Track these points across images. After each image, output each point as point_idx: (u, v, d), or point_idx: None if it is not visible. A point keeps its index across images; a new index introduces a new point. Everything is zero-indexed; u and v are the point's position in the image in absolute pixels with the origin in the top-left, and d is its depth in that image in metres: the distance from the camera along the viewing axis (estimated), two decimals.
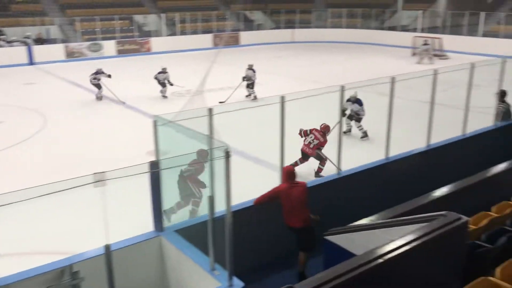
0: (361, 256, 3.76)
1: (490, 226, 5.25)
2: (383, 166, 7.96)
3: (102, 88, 16.89)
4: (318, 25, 35.21)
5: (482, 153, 9.57)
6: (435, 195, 6.51)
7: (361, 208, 6.55)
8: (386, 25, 33.34)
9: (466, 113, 9.58)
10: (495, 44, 25.85)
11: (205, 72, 15.47)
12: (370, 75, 20.64)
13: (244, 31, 33.30)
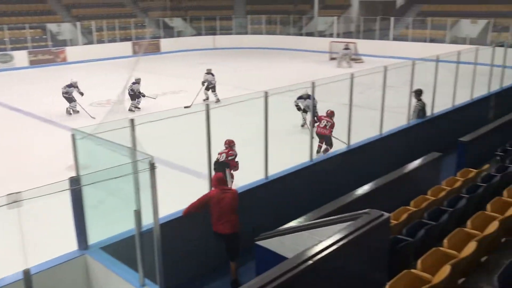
0: (291, 259, 3.82)
1: (410, 220, 5.55)
2: (308, 168, 8.15)
3: (75, 101, 15.74)
4: (239, 31, 35.57)
5: (399, 150, 10.12)
6: (358, 193, 6.78)
7: (290, 210, 6.66)
8: (304, 31, 34.37)
9: (382, 113, 10.08)
10: (405, 47, 27.51)
11: (125, 81, 14.99)
12: (292, 79, 21.15)
13: (164, 38, 32.84)
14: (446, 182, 7.25)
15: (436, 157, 8.27)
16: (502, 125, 11.02)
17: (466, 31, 27.34)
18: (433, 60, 11.36)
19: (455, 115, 12.03)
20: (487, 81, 13.65)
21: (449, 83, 12.41)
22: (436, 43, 27.17)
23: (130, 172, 4.48)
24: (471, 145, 9.50)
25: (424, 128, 10.98)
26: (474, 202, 5.96)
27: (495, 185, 6.44)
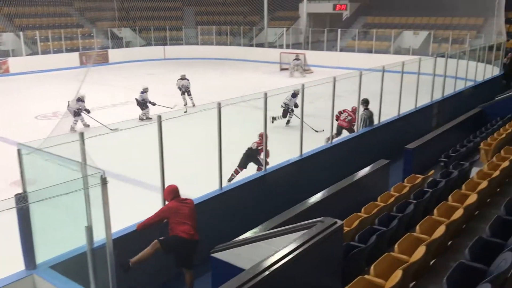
0: (248, 270, 3.82)
1: (361, 227, 5.69)
2: (263, 178, 8.21)
3: (81, 116, 14.72)
4: (189, 42, 35.44)
5: (349, 158, 10.38)
6: (311, 201, 6.91)
7: (245, 221, 6.67)
8: (254, 42, 34.70)
9: (332, 123, 10.33)
10: (352, 58, 28.34)
11: (73, 93, 14.53)
12: (244, 90, 21.28)
13: (112, 48, 32.18)
14: (395, 188, 7.50)
15: (384, 164, 8.56)
16: (445, 132, 11.56)
17: (409, 42, 28.52)
18: (379, 70, 11.77)
19: (401, 123, 12.49)
20: (430, 90, 14.27)
21: (395, 92, 12.88)
22: (381, 53, 28.16)
23: (81, 188, 4.35)
24: (416, 151, 9.89)
25: (372, 136, 11.32)
26: (422, 207, 6.20)
27: (440, 190, 6.72)
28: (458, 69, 16.06)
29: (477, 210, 6.06)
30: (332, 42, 31.19)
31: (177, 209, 5.86)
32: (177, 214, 5.84)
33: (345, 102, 12.96)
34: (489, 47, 20.22)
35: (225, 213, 7.42)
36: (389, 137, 11.86)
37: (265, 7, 33.50)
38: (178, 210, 5.86)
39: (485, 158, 9.28)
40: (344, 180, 7.76)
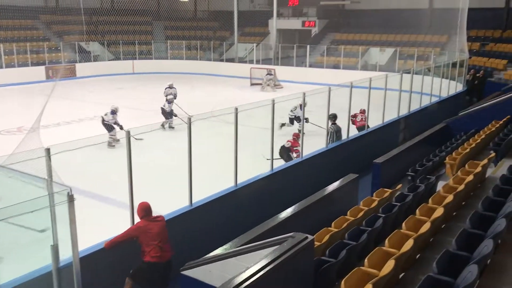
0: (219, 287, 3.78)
1: (332, 241, 5.73)
2: (233, 193, 8.18)
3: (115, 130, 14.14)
4: (159, 56, 35.28)
5: (319, 172, 10.48)
6: (282, 216, 6.91)
7: (216, 237, 6.62)
8: (225, 57, 34.84)
9: (302, 137, 10.42)
10: (320, 74, 28.78)
11: (39, 107, 14.17)
12: (215, 104, 21.26)
13: (80, 62, 31.69)
14: (364, 202, 7.60)
15: (353, 178, 8.67)
16: (412, 147, 11.82)
17: (376, 59, 29.21)
18: (347, 86, 11.99)
19: (369, 137, 12.72)
20: (396, 106, 14.60)
21: (363, 107, 13.12)
22: (349, 69, 28.72)
23: (46, 205, 4.23)
24: (384, 166, 10.07)
25: (341, 150, 11.48)
26: (390, 221, 6.29)
27: (408, 204, 6.85)
28: (424, 85, 16.53)
29: (444, 223, 6.20)
30: (301, 58, 31.64)
31: (146, 228, 5.74)
32: (146, 233, 5.72)
33: (314, 116, 13.13)
34: (452, 64, 20.92)
35: (195, 229, 7.35)
36: (358, 151, 12.05)
37: (235, 22, 33.76)
38: (147, 230, 5.73)
39: (450, 172, 9.52)
40: (314, 195, 7.81)
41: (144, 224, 5.79)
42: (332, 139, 11.46)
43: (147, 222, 5.80)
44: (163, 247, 5.79)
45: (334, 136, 11.57)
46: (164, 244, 5.83)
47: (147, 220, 5.81)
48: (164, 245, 5.82)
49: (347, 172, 8.90)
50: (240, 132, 8.44)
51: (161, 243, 5.78)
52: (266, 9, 35.98)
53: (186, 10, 40.42)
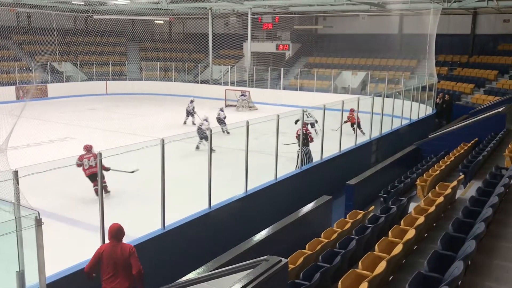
0: None
1: (306, 264, 5.71)
2: (207, 215, 8.11)
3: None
4: (133, 77, 35.11)
5: (293, 194, 10.50)
6: (256, 239, 6.88)
7: (189, 261, 6.52)
8: (199, 79, 34.92)
9: (276, 159, 10.45)
10: (294, 96, 29.10)
11: (8, 128, 13.84)
12: (189, 126, 21.21)
13: (52, 83, 31.24)
14: (337, 224, 7.63)
15: (327, 200, 8.72)
16: (384, 169, 12.00)
17: (348, 82, 29.76)
18: (320, 108, 12.15)
19: (342, 159, 12.85)
20: (368, 128, 14.85)
21: (336, 127, 13.29)
22: (322, 92, 29.14)
23: (13, 230, 4.10)
24: (357, 187, 10.18)
25: (314, 172, 11.55)
26: (363, 242, 6.32)
27: (380, 226, 6.90)
28: (394, 108, 16.88)
29: (416, 244, 6.26)
30: (275, 80, 31.99)
31: (107, 254, 5.28)
32: (105, 259, 5.26)
33: (288, 138, 13.21)
34: (422, 87, 21.48)
35: (168, 252, 7.22)
36: (331, 173, 12.15)
37: (210, 45, 34.00)
38: (107, 255, 5.27)
39: (421, 193, 9.68)
40: (288, 217, 7.81)
41: (104, 248, 5.35)
42: (302, 162, 11.53)
43: (110, 247, 5.32)
44: (122, 279, 5.25)
45: (305, 158, 11.65)
46: (125, 275, 5.27)
47: (111, 245, 5.35)
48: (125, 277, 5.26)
49: (321, 194, 8.95)
50: (215, 154, 8.42)
51: (121, 272, 5.26)
52: (241, 32, 36.38)
53: (161, 32, 40.53)
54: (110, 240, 5.40)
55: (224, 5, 31.36)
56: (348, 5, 27.70)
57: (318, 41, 36.19)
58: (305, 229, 7.84)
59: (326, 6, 29.89)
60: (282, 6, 30.61)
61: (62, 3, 30.42)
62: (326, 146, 12.27)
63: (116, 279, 5.26)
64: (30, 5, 30.30)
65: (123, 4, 29.98)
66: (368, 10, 29.55)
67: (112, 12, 32.73)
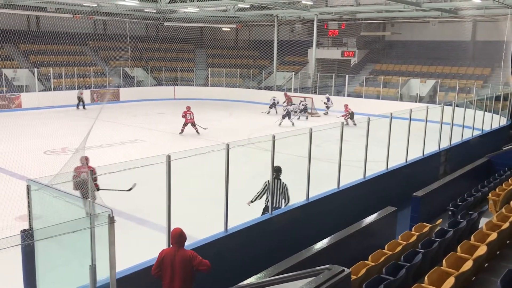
0: None
1: (368, 275, 5.59)
2: (268, 221, 8.15)
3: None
4: (199, 83, 36.07)
5: (356, 204, 10.31)
6: (317, 247, 6.82)
7: (249, 265, 6.58)
8: (263, 85, 35.25)
9: (340, 167, 10.31)
10: (358, 103, 28.61)
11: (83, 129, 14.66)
12: (252, 131, 21.45)
13: (124, 87, 32.80)
14: (402, 237, 7.41)
15: (391, 211, 8.49)
16: (452, 181, 11.50)
17: (416, 90, 28.84)
18: (387, 116, 11.86)
19: (408, 170, 12.46)
20: (437, 138, 14.30)
21: (401, 139, 12.92)
22: (388, 100, 28.45)
23: (87, 226, 4.35)
24: (424, 199, 9.82)
25: (379, 182, 11.28)
26: (430, 257, 6.10)
27: (448, 240, 6.63)
28: (466, 118, 16.16)
29: (487, 262, 5.95)
30: (339, 87, 31.62)
31: (167, 258, 5.38)
32: (165, 264, 5.38)
33: (351, 146, 13.01)
34: (496, 97, 20.40)
35: (230, 256, 7.33)
36: (396, 183, 11.82)
37: (275, 51, 34.26)
38: (167, 260, 5.38)
39: (493, 208, 9.19)
40: (351, 227, 7.68)
41: (167, 251, 5.48)
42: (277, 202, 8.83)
43: (170, 251, 5.45)
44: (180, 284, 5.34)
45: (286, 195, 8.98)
46: (183, 281, 5.36)
47: (172, 249, 5.49)
48: (183, 283, 5.38)
49: (385, 205, 8.73)
50: (277, 160, 8.46)
51: (178, 278, 5.35)
52: (306, 39, 36.34)
53: (228, 38, 41.35)
54: (173, 245, 5.54)
55: (290, 12, 31.48)
56: (418, 11, 26.90)
57: (385, 48, 35.40)
58: (368, 240, 7.67)
59: (394, 13, 29.19)
60: (349, 12, 30.26)
61: (135, 11, 31.85)
62: (392, 155, 11.96)
63: (173, 284, 5.37)
64: (106, 13, 32.00)
65: (192, 12, 30.91)
66: (439, 16, 28.53)
67: (182, 19, 33.89)
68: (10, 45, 30.65)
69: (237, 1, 25.34)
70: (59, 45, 32.32)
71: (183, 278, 5.40)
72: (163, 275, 5.43)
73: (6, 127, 21.14)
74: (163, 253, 5.51)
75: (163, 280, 5.43)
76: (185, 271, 5.41)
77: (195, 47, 38.50)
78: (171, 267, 5.37)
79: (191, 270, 5.46)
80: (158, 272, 5.47)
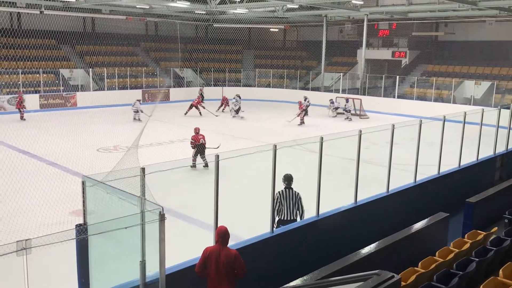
0: None
1: (418, 282, 5.43)
2: (315, 224, 8.08)
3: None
4: (247, 83, 36.30)
5: (405, 208, 10.05)
6: (365, 252, 6.69)
7: (295, 267, 6.55)
8: (310, 86, 35.02)
9: (389, 171, 10.08)
10: (409, 105, 27.90)
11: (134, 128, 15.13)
12: (299, 132, 21.37)
13: (174, 87, 33.53)
14: (454, 244, 7.15)
15: (443, 217, 8.21)
16: (509, 187, 10.97)
17: (470, 92, 27.77)
18: (440, 119, 11.49)
19: (461, 175, 12.02)
20: (492, 142, 13.72)
21: (454, 142, 12.47)
22: (441, 102, 27.57)
23: (139, 223, 4.46)
24: (478, 206, 9.43)
25: (431, 187, 10.95)
26: (485, 266, 5.86)
27: (505, 249, 6.34)
28: None
29: None
30: (389, 88, 30.94)
31: (212, 256, 5.42)
32: (210, 262, 5.40)
33: (401, 150, 12.70)
34: None
35: (275, 257, 7.33)
36: (449, 189, 11.43)
37: (323, 52, 33.93)
38: (212, 258, 5.41)
39: None
40: (400, 232, 7.49)
41: (211, 249, 5.48)
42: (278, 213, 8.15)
43: (215, 250, 5.45)
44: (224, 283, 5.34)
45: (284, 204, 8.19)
46: (227, 280, 5.37)
47: (216, 247, 5.49)
48: (227, 281, 5.37)
49: (437, 210, 8.45)
50: (324, 161, 8.37)
51: (223, 277, 5.35)
52: (355, 39, 35.82)
53: (276, 39, 41.38)
54: (217, 243, 5.56)
55: (339, 12, 31.10)
56: (473, 10, 25.87)
57: (438, 48, 34.32)
58: (418, 246, 7.46)
59: (448, 12, 28.21)
60: (400, 12, 29.54)
61: (186, 13, 32.47)
62: (444, 160, 11.57)
63: (219, 283, 5.40)
64: (158, 15, 32.81)
65: (241, 13, 31.15)
66: (496, 15, 27.34)
67: (231, 21, 34.22)
68: (67, 46, 32.05)
69: (286, 1, 25.30)
70: (113, 46, 33.47)
71: (229, 277, 5.43)
72: (209, 272, 5.46)
73: (62, 125, 22.08)
74: (208, 251, 5.53)
75: (209, 278, 5.47)
76: (230, 269, 5.45)
77: (243, 48, 38.78)
78: (215, 265, 5.40)
79: (233, 270, 5.49)
80: (202, 270, 5.49)
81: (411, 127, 11.16)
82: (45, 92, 28.01)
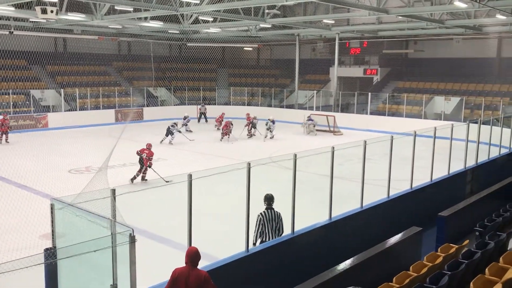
0: None
1: None
2: (290, 241, 8.05)
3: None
4: (222, 102, 36.35)
5: (379, 224, 10.13)
6: (340, 268, 6.69)
7: (271, 286, 6.49)
8: (285, 104, 35.30)
9: (363, 186, 10.16)
10: (381, 122, 28.36)
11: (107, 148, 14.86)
12: (274, 150, 21.42)
13: (147, 106, 33.31)
14: (428, 258, 7.22)
15: (416, 232, 8.30)
16: (479, 200, 11.20)
17: (441, 108, 28.44)
18: (411, 134, 11.70)
19: (433, 189, 12.21)
20: (463, 157, 14.01)
21: (426, 157, 12.70)
22: (412, 118, 28.11)
23: (109, 245, 4.36)
24: (450, 219, 9.58)
25: (403, 202, 11.07)
26: (457, 279, 5.92)
27: (476, 262, 6.43)
28: (492, 136, 15.81)
29: None
30: (362, 105, 31.43)
31: (181, 278, 5.19)
32: (177, 284, 5.21)
33: (374, 165, 12.84)
34: None
35: (250, 276, 7.25)
36: (421, 203, 11.58)
37: (296, 70, 34.36)
38: (181, 279, 5.20)
39: None
40: (374, 247, 7.53)
41: (180, 271, 5.28)
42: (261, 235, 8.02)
43: (184, 271, 5.26)
44: None
45: (266, 227, 8.01)
46: None
47: (185, 268, 5.30)
48: None
49: (410, 225, 8.55)
50: (298, 178, 8.38)
51: None
52: (328, 57, 36.39)
53: (249, 58, 41.71)
54: (186, 264, 5.35)
55: (312, 31, 31.63)
56: (441, 28, 26.71)
57: (408, 66, 35.15)
58: (392, 261, 7.50)
59: (417, 30, 29.04)
60: (371, 30, 30.24)
61: (159, 32, 32.48)
62: (417, 174, 11.75)
63: None
64: (130, 35, 32.72)
65: (214, 32, 31.34)
66: (463, 33, 28.24)
67: (204, 40, 34.39)
68: (37, 67, 31.55)
69: (258, 21, 25.60)
70: (85, 65, 33.15)
71: None
72: None
73: (32, 146, 21.60)
74: (176, 272, 5.32)
75: None
76: None
77: (217, 67, 38.93)
78: (185, 287, 5.21)
79: None
80: None
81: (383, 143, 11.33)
82: (15, 113, 27.43)
